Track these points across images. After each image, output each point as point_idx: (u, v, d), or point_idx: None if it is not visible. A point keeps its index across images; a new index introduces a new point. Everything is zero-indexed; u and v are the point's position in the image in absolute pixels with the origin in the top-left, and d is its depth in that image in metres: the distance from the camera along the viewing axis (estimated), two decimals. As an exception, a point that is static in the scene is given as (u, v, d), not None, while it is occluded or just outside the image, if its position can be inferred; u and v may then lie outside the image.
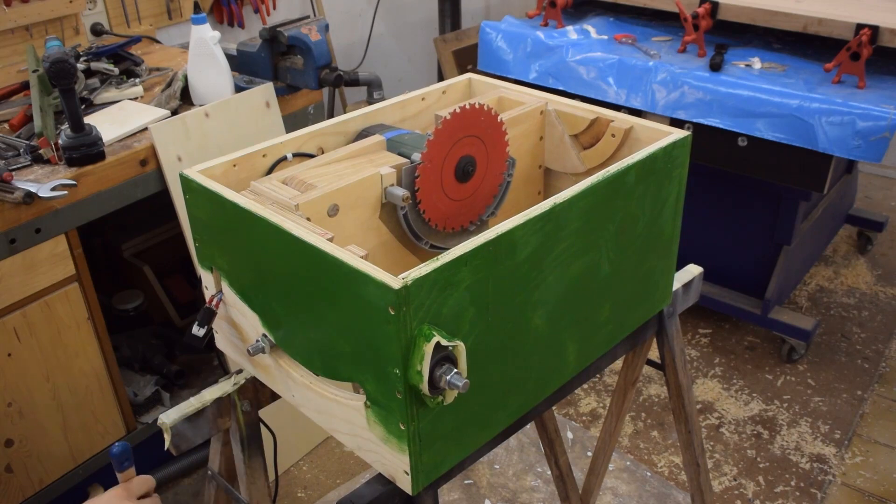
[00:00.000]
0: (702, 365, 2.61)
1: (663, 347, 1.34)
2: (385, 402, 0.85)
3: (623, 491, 2.15)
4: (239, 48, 2.01)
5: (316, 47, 1.88)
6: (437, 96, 1.29)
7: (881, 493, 2.12)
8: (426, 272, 0.78)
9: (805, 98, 2.05)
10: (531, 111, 1.23)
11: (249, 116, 1.91)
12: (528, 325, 0.95)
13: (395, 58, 3.68)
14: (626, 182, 1.02)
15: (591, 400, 2.47)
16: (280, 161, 1.09)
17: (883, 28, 2.09)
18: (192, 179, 0.98)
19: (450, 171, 1.08)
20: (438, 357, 0.80)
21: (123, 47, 2.12)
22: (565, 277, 0.98)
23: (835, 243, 3.22)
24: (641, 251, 1.11)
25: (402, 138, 1.13)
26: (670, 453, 2.27)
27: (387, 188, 1.05)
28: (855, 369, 2.56)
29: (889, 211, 3.43)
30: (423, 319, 0.80)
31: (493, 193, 1.17)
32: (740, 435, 2.33)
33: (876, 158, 1.98)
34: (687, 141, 1.10)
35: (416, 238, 1.10)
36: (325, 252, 0.82)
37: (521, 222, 0.88)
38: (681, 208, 1.16)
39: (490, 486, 2.17)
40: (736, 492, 2.14)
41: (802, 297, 2.92)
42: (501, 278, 0.88)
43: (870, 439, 2.30)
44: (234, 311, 1.03)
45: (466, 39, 3.30)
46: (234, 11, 2.80)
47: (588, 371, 1.15)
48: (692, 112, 2.22)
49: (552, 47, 2.47)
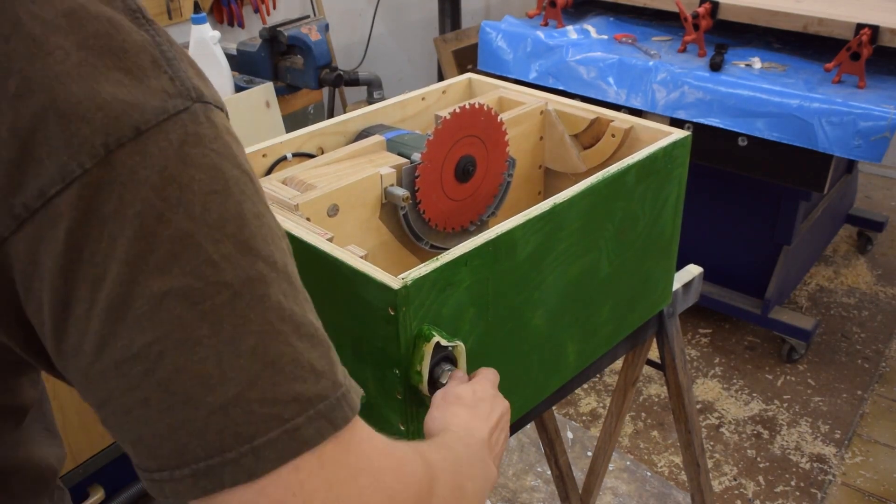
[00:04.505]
0: (702, 365, 2.61)
1: (663, 347, 1.34)
2: (385, 403, 0.85)
3: (623, 491, 2.15)
4: (239, 48, 2.01)
5: (316, 47, 1.88)
6: (437, 96, 1.29)
7: (881, 493, 2.12)
8: (426, 272, 0.78)
9: (805, 98, 2.05)
10: (531, 111, 1.23)
11: (249, 116, 1.91)
12: (528, 325, 0.95)
13: (395, 58, 3.68)
14: (626, 182, 1.02)
15: (591, 400, 2.47)
16: (280, 161, 1.09)
17: (883, 28, 2.09)
18: (191, 179, 0.98)
19: (450, 171, 1.08)
20: (438, 357, 0.80)
21: (123, 47, 2.12)
22: (565, 277, 0.98)
23: (835, 243, 3.22)
24: (641, 251, 1.11)
25: (402, 138, 1.13)
26: (670, 453, 2.27)
27: (387, 188, 1.05)
28: (855, 369, 2.56)
29: (889, 211, 3.43)
30: (423, 319, 0.80)
31: (494, 193, 1.17)
32: (740, 435, 2.32)
33: (876, 158, 1.98)
34: (687, 141, 1.10)
35: (417, 238, 1.10)
36: (324, 252, 0.82)
37: (521, 222, 0.88)
38: (681, 208, 1.16)
39: (490, 486, 2.17)
40: (736, 492, 2.14)
41: (802, 297, 2.92)
42: (501, 278, 0.88)
43: (870, 439, 2.30)
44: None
45: (466, 39, 3.30)
46: (234, 11, 2.80)
47: (588, 371, 1.15)
48: (692, 112, 2.22)
49: (552, 47, 2.47)
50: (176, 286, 0.43)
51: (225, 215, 0.45)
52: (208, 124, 0.47)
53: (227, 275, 0.45)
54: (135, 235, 0.43)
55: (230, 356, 0.44)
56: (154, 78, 0.45)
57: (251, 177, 0.49)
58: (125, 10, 0.47)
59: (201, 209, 0.44)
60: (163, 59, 0.47)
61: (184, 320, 0.44)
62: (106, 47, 0.44)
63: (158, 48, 0.47)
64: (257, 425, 0.44)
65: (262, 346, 0.45)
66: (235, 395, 0.44)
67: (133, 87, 0.44)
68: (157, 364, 0.43)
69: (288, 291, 0.48)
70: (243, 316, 0.45)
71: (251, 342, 0.45)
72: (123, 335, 0.44)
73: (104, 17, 0.45)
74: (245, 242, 0.46)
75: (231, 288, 0.45)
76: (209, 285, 0.44)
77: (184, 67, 0.47)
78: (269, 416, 0.44)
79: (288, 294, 0.47)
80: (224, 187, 0.46)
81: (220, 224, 0.45)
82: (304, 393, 0.46)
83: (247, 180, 0.48)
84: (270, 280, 0.46)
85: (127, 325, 0.43)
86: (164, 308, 0.43)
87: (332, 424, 0.47)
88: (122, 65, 0.45)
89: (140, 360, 0.44)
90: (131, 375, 0.44)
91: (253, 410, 0.44)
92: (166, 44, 0.48)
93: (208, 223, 0.45)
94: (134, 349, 0.44)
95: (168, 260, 0.43)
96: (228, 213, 0.46)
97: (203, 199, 0.45)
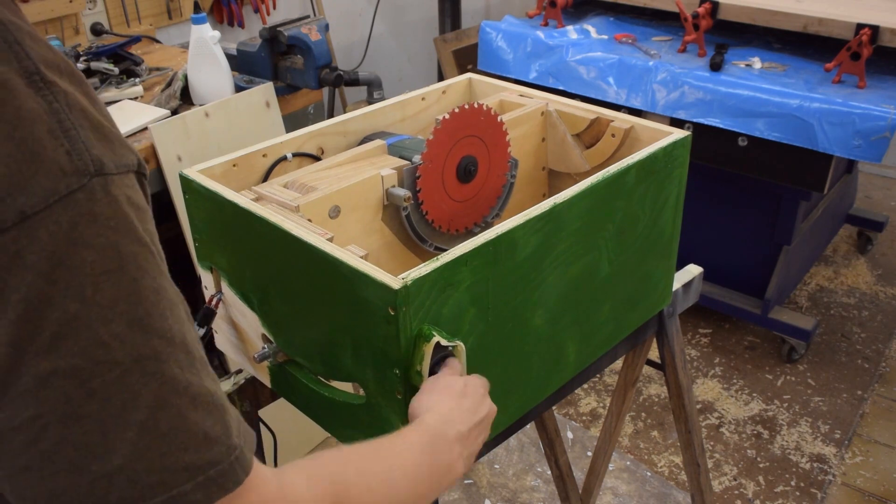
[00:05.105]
0: (702, 365, 2.61)
1: (663, 347, 1.34)
2: (385, 403, 0.85)
3: (623, 491, 2.15)
4: (239, 48, 2.01)
5: (316, 47, 1.88)
6: (437, 96, 1.29)
7: (881, 493, 2.12)
8: (426, 272, 0.78)
9: (805, 98, 2.05)
10: (532, 112, 1.23)
11: (249, 116, 1.91)
12: (528, 325, 0.95)
13: (395, 58, 3.68)
14: (626, 182, 1.02)
15: (591, 400, 2.47)
16: (280, 161, 1.09)
17: (883, 28, 2.09)
18: (191, 179, 0.98)
19: (451, 171, 1.08)
20: (438, 357, 0.80)
21: (123, 47, 2.12)
22: (565, 277, 0.98)
23: (835, 243, 3.22)
24: (641, 251, 1.11)
25: (403, 143, 1.12)
26: (670, 453, 2.27)
27: (388, 189, 1.05)
28: (855, 369, 2.56)
29: (889, 211, 3.43)
30: (423, 319, 0.80)
31: (497, 195, 1.16)
32: (740, 435, 2.33)
33: (876, 158, 1.98)
34: (687, 141, 1.10)
35: (421, 241, 1.10)
36: (324, 252, 0.82)
37: (522, 222, 0.88)
38: (681, 208, 1.16)
39: (490, 486, 2.17)
40: (736, 492, 2.14)
41: (802, 296, 2.92)
42: (502, 278, 0.88)
43: (870, 439, 2.30)
44: (234, 311, 1.03)
45: (466, 39, 3.30)
46: (234, 11, 2.80)
47: (588, 371, 1.15)
48: (692, 112, 2.22)
49: (552, 47, 2.47)
50: (62, 366, 0.43)
51: (117, 295, 0.45)
52: (106, 200, 0.45)
53: (117, 353, 0.45)
54: (18, 319, 0.43)
55: (118, 429, 0.45)
56: (49, 151, 0.43)
57: (151, 249, 0.49)
58: (21, 72, 0.44)
59: (92, 290, 0.44)
60: (59, 129, 0.44)
61: (70, 397, 0.44)
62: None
63: (56, 116, 0.44)
64: (142, 492, 0.45)
65: (152, 419, 0.45)
66: (121, 464, 0.45)
67: (23, 163, 0.42)
68: (40, 436, 0.44)
69: (185, 362, 0.48)
70: (134, 392, 0.45)
71: (140, 416, 0.45)
72: (6, 409, 0.44)
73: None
74: (139, 321, 0.46)
75: (121, 366, 0.45)
76: (98, 364, 0.44)
77: (83, 136, 0.45)
78: (155, 483, 0.45)
79: (185, 365, 0.48)
80: (119, 266, 0.45)
81: (112, 304, 0.45)
82: (195, 462, 0.47)
83: (146, 254, 0.48)
84: (165, 355, 0.47)
85: (9, 400, 0.43)
86: (50, 386, 0.43)
87: (221, 488, 0.48)
88: (13, 136, 0.43)
89: (23, 431, 0.44)
90: (14, 444, 0.44)
91: (139, 479, 0.45)
92: (65, 110, 0.45)
93: (99, 304, 0.44)
94: (16, 422, 0.44)
95: (54, 341, 0.43)
96: (122, 292, 0.45)
97: (94, 280, 0.44)
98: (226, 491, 0.48)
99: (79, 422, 0.44)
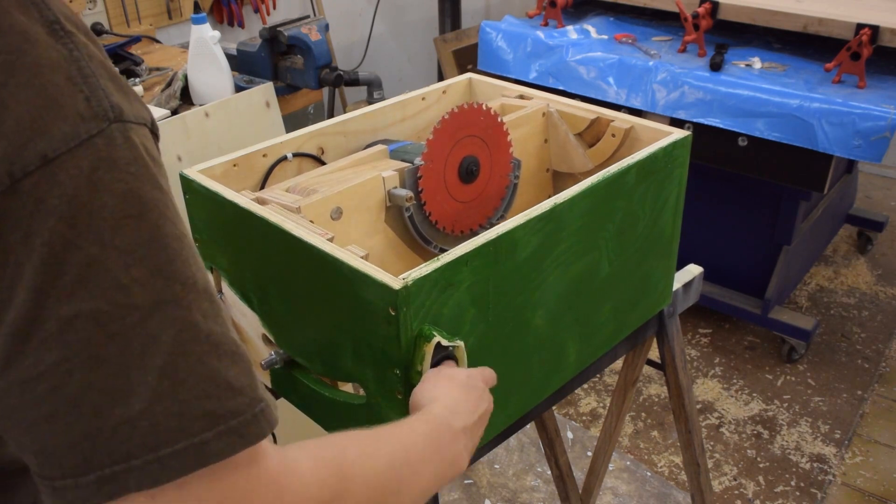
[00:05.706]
0: (702, 365, 2.61)
1: (663, 347, 1.34)
2: (385, 403, 0.85)
3: (623, 491, 2.15)
4: (239, 48, 2.01)
5: (316, 47, 1.88)
6: (437, 96, 1.29)
7: (881, 493, 2.12)
8: (426, 272, 0.78)
9: (805, 98, 2.05)
10: (533, 113, 1.23)
11: (249, 116, 1.91)
12: (528, 325, 0.95)
13: (395, 58, 3.68)
14: (626, 182, 1.02)
15: (591, 400, 2.47)
16: (280, 161, 1.09)
17: (883, 28, 2.09)
18: (192, 179, 0.98)
19: (453, 171, 1.08)
20: (439, 357, 0.80)
21: (123, 47, 2.12)
22: (566, 277, 0.98)
23: (835, 243, 3.22)
24: (642, 251, 1.11)
25: (405, 148, 1.12)
26: (670, 453, 2.27)
27: (390, 190, 1.04)
28: (855, 369, 2.56)
29: (889, 211, 3.43)
30: (424, 320, 0.80)
31: (501, 195, 1.16)
32: (740, 435, 2.33)
33: (876, 158, 1.98)
34: (687, 141, 1.10)
35: (426, 242, 1.10)
36: (325, 252, 0.82)
37: (522, 222, 0.88)
38: (681, 208, 1.16)
39: (490, 486, 2.17)
40: (736, 492, 2.14)
41: (802, 297, 2.92)
42: (502, 278, 0.88)
43: (870, 439, 2.30)
44: (234, 311, 1.03)
45: (466, 39, 3.30)
46: (234, 11, 2.80)
47: (588, 371, 1.15)
48: (692, 112, 2.22)
49: (552, 47, 2.47)
50: (84, 309, 0.44)
51: (138, 240, 0.46)
52: (126, 146, 0.46)
53: (137, 298, 0.45)
54: (42, 263, 0.43)
55: (139, 373, 0.45)
56: (68, 97, 0.44)
57: (171, 197, 0.49)
58: (42, 22, 0.45)
59: (112, 234, 0.45)
60: (79, 76, 0.45)
61: (92, 340, 0.44)
62: (17, 64, 0.43)
63: (76, 64, 0.45)
64: (164, 436, 0.45)
65: (171, 364, 0.46)
66: (142, 409, 0.45)
67: (44, 109, 0.43)
68: (65, 381, 0.44)
69: (208, 311, 0.48)
70: (153, 336, 0.45)
71: (159, 362, 0.45)
72: (29, 355, 0.44)
73: (17, 30, 0.44)
74: (160, 266, 0.46)
75: (141, 310, 0.45)
76: (118, 308, 0.45)
77: (103, 84, 0.46)
78: (175, 429, 0.45)
79: (208, 314, 0.48)
80: (140, 211, 0.46)
81: (133, 248, 0.45)
82: (216, 409, 0.47)
83: (167, 201, 0.48)
84: (187, 302, 0.47)
85: (33, 346, 0.44)
86: (72, 330, 0.44)
87: (243, 439, 0.48)
88: (34, 83, 0.43)
89: (47, 377, 0.44)
90: (37, 392, 0.44)
91: (159, 423, 0.45)
92: (85, 59, 0.46)
93: (119, 248, 0.45)
94: (41, 368, 0.44)
95: (76, 285, 0.44)
96: (142, 237, 0.46)
97: (114, 225, 0.45)
98: (248, 443, 0.48)
99: (101, 365, 0.44)
